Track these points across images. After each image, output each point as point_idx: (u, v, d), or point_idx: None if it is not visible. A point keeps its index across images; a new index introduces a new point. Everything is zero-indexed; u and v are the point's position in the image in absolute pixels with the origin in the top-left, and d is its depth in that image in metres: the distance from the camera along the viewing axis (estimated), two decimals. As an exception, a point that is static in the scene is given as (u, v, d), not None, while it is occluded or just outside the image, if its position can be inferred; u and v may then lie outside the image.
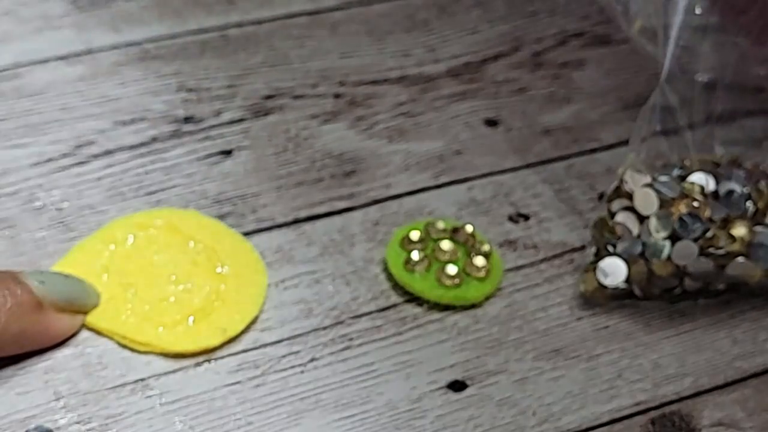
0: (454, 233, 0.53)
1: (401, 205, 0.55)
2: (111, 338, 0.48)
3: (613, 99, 0.62)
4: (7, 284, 0.45)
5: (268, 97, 0.59)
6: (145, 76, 0.59)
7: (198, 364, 0.48)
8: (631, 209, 0.52)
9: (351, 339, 0.50)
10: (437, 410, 0.48)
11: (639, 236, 0.51)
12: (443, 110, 0.60)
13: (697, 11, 0.54)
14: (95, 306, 0.48)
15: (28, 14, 0.61)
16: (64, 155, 0.55)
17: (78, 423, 0.45)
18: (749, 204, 0.51)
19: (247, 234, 0.52)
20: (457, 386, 0.49)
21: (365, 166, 0.57)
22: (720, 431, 0.49)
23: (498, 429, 0.48)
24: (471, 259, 0.52)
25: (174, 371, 0.48)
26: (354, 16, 0.64)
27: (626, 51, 0.64)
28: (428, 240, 0.53)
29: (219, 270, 0.50)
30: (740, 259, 0.51)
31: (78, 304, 0.48)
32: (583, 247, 0.54)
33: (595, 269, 0.52)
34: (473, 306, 0.51)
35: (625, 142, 0.54)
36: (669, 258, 0.50)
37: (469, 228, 0.53)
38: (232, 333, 0.49)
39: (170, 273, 0.50)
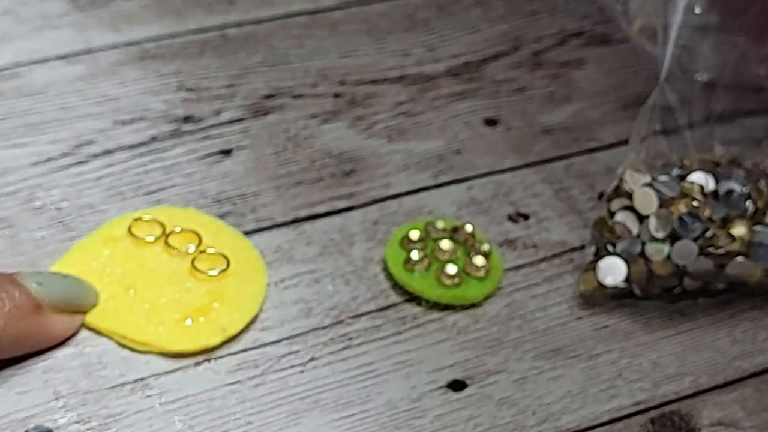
0: (453, 233, 0.53)
1: (401, 205, 0.55)
2: (110, 338, 0.48)
3: (613, 99, 0.62)
4: (5, 287, 0.45)
5: (268, 96, 0.59)
6: (145, 76, 0.59)
7: (197, 364, 0.48)
8: (630, 209, 0.52)
9: (350, 338, 0.50)
10: (437, 410, 0.48)
11: (639, 236, 0.51)
12: (443, 110, 0.60)
13: (697, 11, 0.54)
14: (94, 305, 0.48)
15: (28, 14, 0.61)
16: (64, 155, 0.55)
17: (77, 422, 0.45)
18: (749, 203, 0.51)
19: (246, 233, 0.52)
20: (456, 386, 0.49)
21: (365, 165, 0.57)
22: (720, 431, 0.49)
23: (498, 428, 0.48)
24: (471, 258, 0.52)
25: (173, 371, 0.47)
26: (354, 16, 0.64)
27: (626, 51, 0.64)
28: (428, 239, 0.53)
29: (219, 269, 0.50)
30: (740, 258, 0.51)
31: (77, 304, 0.48)
32: (582, 247, 0.54)
33: (594, 269, 0.52)
34: (473, 305, 0.51)
35: (625, 142, 0.54)
36: (669, 257, 0.50)
37: (468, 227, 0.53)
38: (231, 332, 0.49)
39: (170, 272, 0.50)
